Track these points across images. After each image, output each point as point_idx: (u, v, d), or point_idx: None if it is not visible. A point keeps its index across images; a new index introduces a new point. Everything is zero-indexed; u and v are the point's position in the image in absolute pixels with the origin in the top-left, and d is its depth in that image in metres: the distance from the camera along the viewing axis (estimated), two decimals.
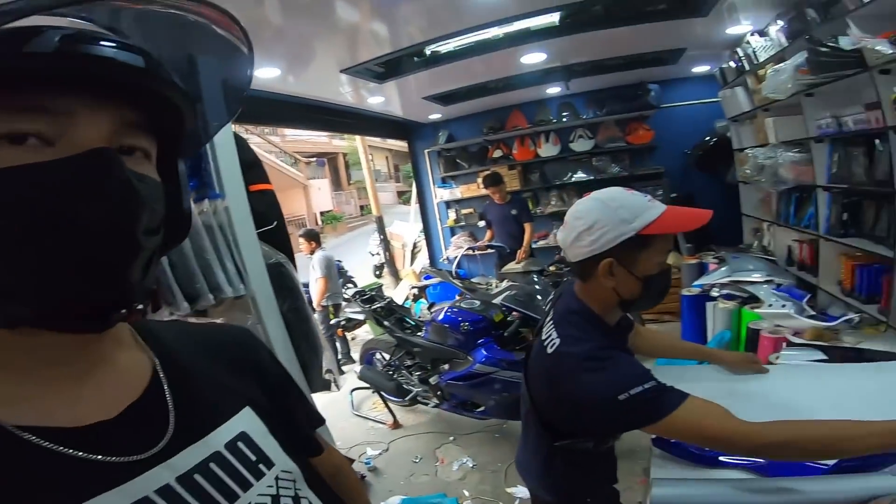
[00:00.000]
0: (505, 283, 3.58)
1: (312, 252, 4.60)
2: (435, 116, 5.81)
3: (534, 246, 4.75)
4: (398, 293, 6.55)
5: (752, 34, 3.34)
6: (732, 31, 3.41)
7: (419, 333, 3.15)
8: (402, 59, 3.44)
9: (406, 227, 8.38)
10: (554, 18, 3.03)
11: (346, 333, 4.85)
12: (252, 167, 1.67)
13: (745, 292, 3.09)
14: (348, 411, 3.80)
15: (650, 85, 4.94)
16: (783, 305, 2.70)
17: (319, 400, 3.99)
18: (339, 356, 4.86)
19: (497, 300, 3.01)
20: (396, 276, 7.92)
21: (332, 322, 4.31)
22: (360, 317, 3.60)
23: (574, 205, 1.04)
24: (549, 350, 1.04)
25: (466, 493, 2.67)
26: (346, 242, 15.89)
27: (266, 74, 3.02)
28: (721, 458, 1.00)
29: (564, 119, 5.39)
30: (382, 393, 3.43)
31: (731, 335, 2.81)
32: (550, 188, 5.71)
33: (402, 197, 25.17)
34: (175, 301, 1.27)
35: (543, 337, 1.09)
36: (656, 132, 5.16)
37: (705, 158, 4.86)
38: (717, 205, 5.13)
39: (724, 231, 4.48)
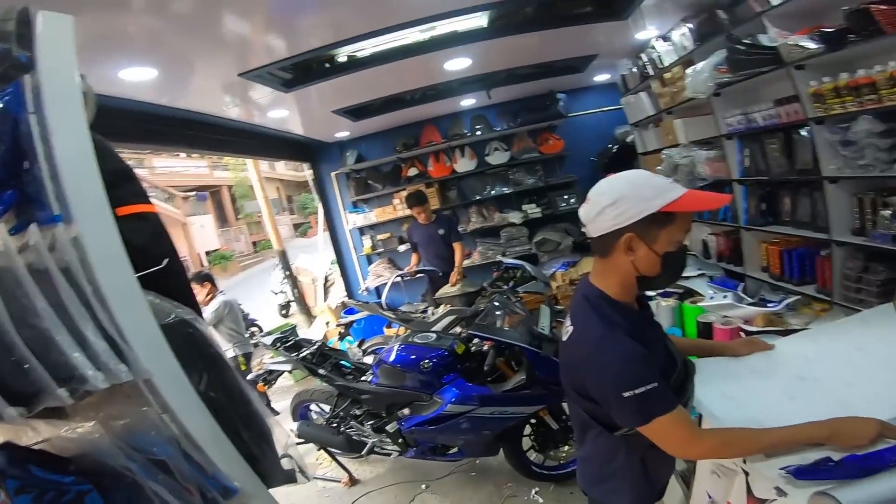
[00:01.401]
0: (443, 308, 3.28)
1: (210, 298, 3.94)
2: (342, 134, 5.44)
3: (463, 265, 4.53)
4: (314, 332, 5.93)
5: (657, 39, 3.53)
6: (641, 35, 3.57)
7: (364, 378, 2.73)
8: (311, 64, 3.04)
9: (314, 260, 7.74)
10: (482, 20, 2.89)
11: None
12: (122, 180, 1.08)
13: (681, 288, 3.16)
14: None
15: (559, 94, 5.09)
16: (724, 297, 2.78)
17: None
18: None
19: (438, 327, 2.70)
20: (308, 314, 7.24)
21: (249, 378, 3.62)
22: (286, 367, 3.03)
23: (598, 183, 1.07)
24: (565, 339, 1.15)
25: None
26: (241, 283, 14.51)
27: (134, 77, 2.42)
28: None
29: (478, 132, 5.34)
30: (329, 448, 2.96)
31: (680, 333, 2.82)
32: (469, 204, 5.59)
33: (300, 229, 23.85)
34: None
35: (563, 331, 1.17)
36: (566, 141, 5.33)
37: (611, 164, 5.07)
38: None
39: None
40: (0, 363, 0.71)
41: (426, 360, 2.45)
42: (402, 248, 5.52)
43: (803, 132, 2.43)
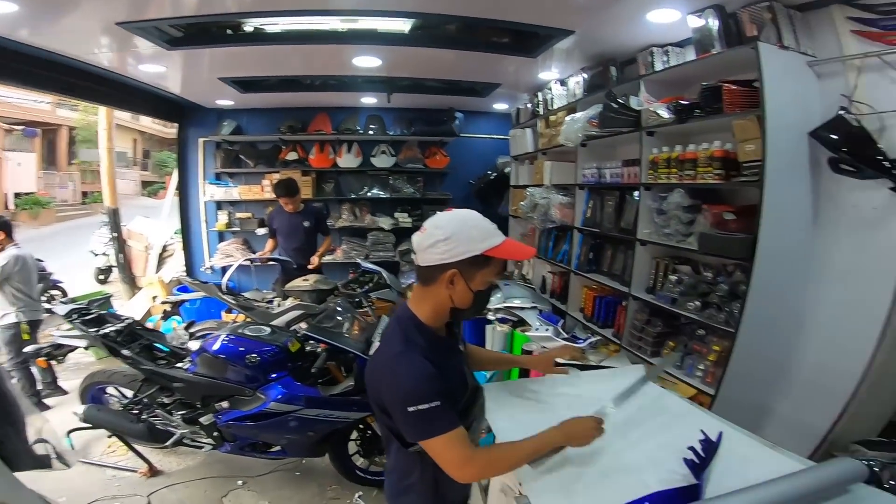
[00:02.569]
0: (290, 302, 3.13)
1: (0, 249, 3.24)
2: (224, 102, 4.96)
3: (323, 260, 4.39)
4: (134, 305, 5.20)
5: (555, 82, 3.77)
6: (543, 75, 3.79)
7: (180, 365, 2.46)
8: (212, 27, 2.74)
9: (153, 226, 6.78)
10: (405, 26, 2.88)
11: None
12: None
13: (516, 316, 3.48)
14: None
15: (457, 113, 5.23)
16: (546, 329, 3.13)
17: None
18: (40, 387, 3.53)
19: (281, 320, 2.57)
20: (132, 284, 6.29)
21: (29, 350, 2.99)
22: (79, 343, 2.56)
23: (435, 216, 1.14)
24: (372, 353, 1.24)
25: None
26: (53, 236, 12.17)
27: None
28: None
29: (371, 132, 5.28)
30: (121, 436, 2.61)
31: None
32: (344, 201, 5.49)
33: (149, 188, 20.74)
34: None
35: (372, 350, 1.26)
36: (451, 159, 5.49)
37: (485, 190, 5.39)
38: None
39: None
40: None
41: (254, 354, 2.30)
42: (260, 231, 5.17)
43: (635, 195, 2.76)
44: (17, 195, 14.82)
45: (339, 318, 2.50)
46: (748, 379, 2.14)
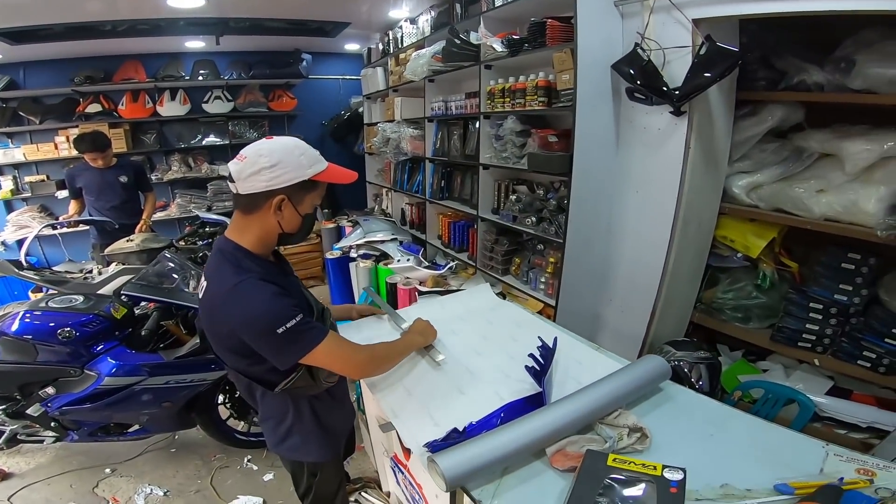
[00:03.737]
0: (115, 267, 2.75)
1: None
2: None
3: (155, 218, 3.92)
4: None
5: (406, 20, 3.74)
6: (394, 13, 3.72)
7: None
8: None
9: None
10: None
11: None
12: None
13: (378, 251, 3.59)
14: None
15: (304, 54, 4.95)
16: (408, 260, 3.30)
17: None
18: None
19: (107, 290, 2.26)
20: None
21: None
22: None
23: (257, 143, 1.11)
24: (202, 296, 1.17)
25: None
26: None
27: None
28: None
29: (201, 77, 4.76)
30: None
31: (374, 289, 3.20)
32: (172, 152, 4.92)
33: None
34: None
35: (200, 292, 1.18)
36: (300, 101, 5.22)
37: (339, 130, 5.34)
38: None
39: (352, 197, 5.07)
40: None
41: (67, 328, 1.98)
42: (61, 194, 4.35)
43: (476, 124, 2.94)
44: None
45: (174, 274, 2.25)
46: (579, 288, 2.44)
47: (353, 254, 3.59)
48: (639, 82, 2.00)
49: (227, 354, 1.19)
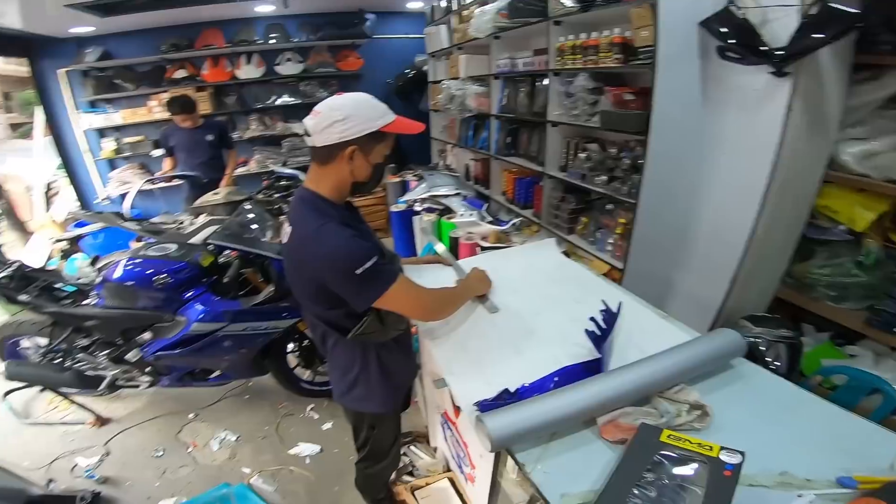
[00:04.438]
0: (203, 218, 2.95)
1: None
2: (81, 30, 4.36)
3: (237, 173, 4.28)
4: (32, 251, 4.72)
5: None
6: None
7: (87, 301, 2.29)
8: None
9: (29, 165, 5.94)
10: None
11: None
12: None
13: (441, 205, 3.60)
14: (16, 423, 2.67)
15: (367, 14, 4.96)
16: (471, 214, 3.28)
17: None
18: None
19: (196, 239, 2.43)
20: (24, 231, 5.67)
21: None
22: None
23: (329, 99, 1.17)
24: (286, 241, 1.24)
25: (247, 471, 2.27)
26: None
27: None
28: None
29: (273, 41, 4.98)
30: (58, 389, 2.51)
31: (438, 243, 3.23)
32: (250, 112, 5.24)
33: (20, 130, 17.95)
34: None
35: (284, 238, 1.25)
36: (365, 61, 5.30)
37: (404, 88, 5.32)
38: None
39: (418, 153, 5.10)
40: None
41: (162, 275, 2.15)
42: (156, 152, 4.78)
43: (545, 81, 2.86)
44: None
45: (253, 225, 2.38)
46: (650, 251, 2.30)
47: (416, 207, 3.63)
48: (733, 41, 1.80)
49: (308, 300, 1.26)
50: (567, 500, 0.90)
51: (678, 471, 0.87)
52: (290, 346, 2.59)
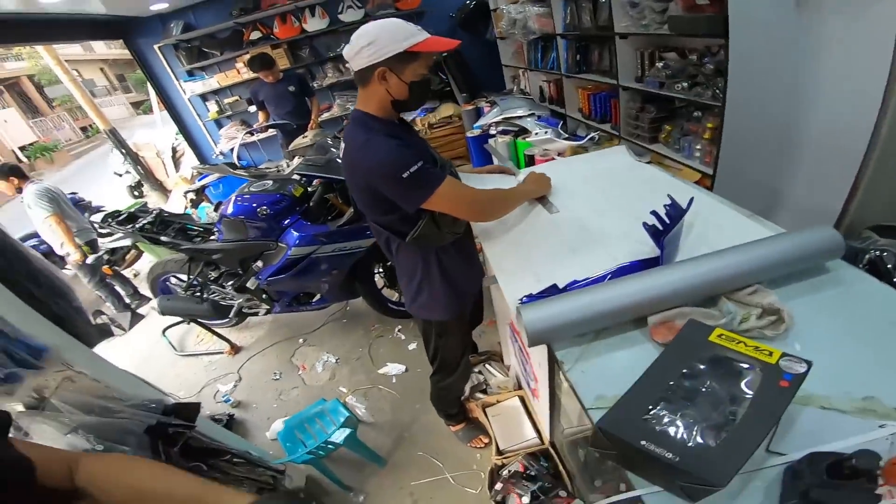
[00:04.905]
0: (297, 161, 3.23)
1: (19, 191, 3.32)
2: (159, 6, 4.75)
3: (322, 118, 4.61)
4: (172, 206, 5.58)
5: None
6: None
7: (212, 238, 2.68)
8: None
9: (154, 134, 6.92)
10: None
11: (121, 270, 3.89)
12: None
13: (516, 126, 3.49)
14: (172, 356, 3.27)
15: None
16: (546, 132, 3.15)
17: (132, 359, 3.30)
18: (127, 300, 3.99)
19: (287, 173, 2.69)
20: (162, 189, 6.72)
21: (90, 260, 3.33)
22: (125, 242, 2.81)
23: (361, 27, 1.20)
24: (341, 155, 1.33)
25: (344, 390, 2.56)
26: (77, 173, 12.49)
27: None
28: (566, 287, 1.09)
29: None
30: (201, 321, 2.98)
31: (513, 163, 3.18)
32: (324, 61, 5.43)
33: (142, 107, 20.72)
34: None
35: (339, 153, 1.33)
36: None
37: (468, 20, 5.10)
38: (483, 59, 5.43)
39: (491, 81, 5.02)
40: None
41: (263, 207, 2.44)
42: (251, 108, 5.20)
43: None
44: (21, 148, 14.96)
45: (331, 150, 2.56)
46: (747, 157, 2.12)
47: (492, 131, 3.57)
48: None
49: (367, 208, 1.34)
50: (601, 403, 0.83)
51: (723, 375, 0.75)
52: (377, 269, 2.78)
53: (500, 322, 2.08)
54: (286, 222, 2.47)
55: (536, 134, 3.08)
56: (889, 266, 1.59)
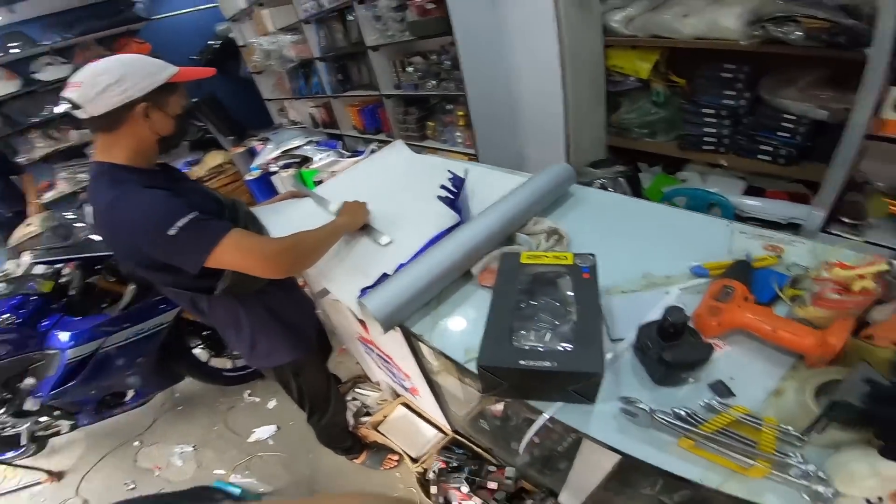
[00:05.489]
0: (27, 257, 2.58)
1: None
2: None
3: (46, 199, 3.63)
4: None
5: None
6: None
7: None
8: None
9: None
10: None
11: None
12: None
13: (297, 157, 3.49)
14: None
15: None
16: (328, 156, 3.24)
17: None
18: None
19: (20, 271, 2.15)
20: None
21: None
22: None
23: (82, 69, 1.04)
24: (92, 222, 1.16)
25: (222, 472, 2.23)
26: None
27: None
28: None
29: (15, 51, 3.99)
30: None
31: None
32: (27, 129, 4.26)
33: None
34: None
35: (89, 220, 1.13)
36: (154, 44, 4.56)
37: (214, 61, 4.80)
38: (241, 97, 5.17)
39: (256, 118, 4.83)
40: None
41: (5, 315, 1.90)
42: None
43: (354, 13, 2.82)
44: None
45: (74, 227, 2.16)
46: (493, 133, 2.54)
47: (272, 168, 3.44)
48: None
49: (149, 275, 1.14)
50: (472, 354, 0.92)
51: (547, 287, 0.93)
52: (194, 342, 2.45)
53: (349, 342, 2.05)
54: (45, 324, 1.96)
55: (319, 159, 3.14)
56: (611, 189, 2.18)
